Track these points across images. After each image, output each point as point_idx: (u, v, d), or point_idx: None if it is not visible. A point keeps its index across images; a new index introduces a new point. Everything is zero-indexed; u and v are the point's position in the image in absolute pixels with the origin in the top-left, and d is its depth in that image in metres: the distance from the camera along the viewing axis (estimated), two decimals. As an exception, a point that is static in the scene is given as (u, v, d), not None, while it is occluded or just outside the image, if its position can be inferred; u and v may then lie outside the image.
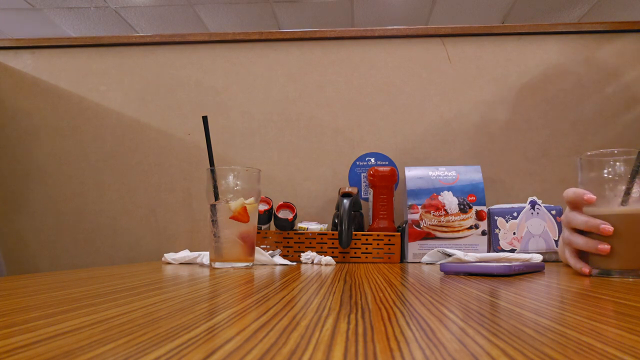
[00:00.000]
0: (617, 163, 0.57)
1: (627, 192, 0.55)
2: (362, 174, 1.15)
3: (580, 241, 0.58)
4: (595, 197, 0.57)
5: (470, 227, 0.95)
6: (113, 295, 0.38)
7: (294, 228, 0.98)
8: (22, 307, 0.32)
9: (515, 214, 0.97)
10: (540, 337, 0.22)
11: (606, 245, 0.55)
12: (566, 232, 0.61)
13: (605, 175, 0.57)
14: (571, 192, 0.59)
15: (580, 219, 0.58)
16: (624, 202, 0.55)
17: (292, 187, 1.18)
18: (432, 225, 0.96)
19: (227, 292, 0.42)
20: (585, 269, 0.58)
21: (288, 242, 0.96)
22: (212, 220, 0.74)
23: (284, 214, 0.96)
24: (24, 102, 1.25)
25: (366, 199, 1.13)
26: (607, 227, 0.55)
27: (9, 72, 1.26)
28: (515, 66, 1.18)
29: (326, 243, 0.95)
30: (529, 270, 0.63)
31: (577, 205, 0.59)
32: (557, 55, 1.17)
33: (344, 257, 0.95)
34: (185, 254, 0.85)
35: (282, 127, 1.21)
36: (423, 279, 0.54)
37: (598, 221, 0.56)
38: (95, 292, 0.40)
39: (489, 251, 0.97)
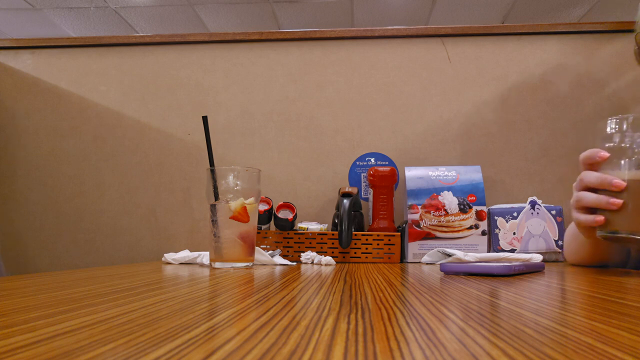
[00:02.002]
0: (635, 128, 0.57)
1: None
2: (362, 174, 1.15)
3: (592, 196, 0.58)
4: (608, 154, 0.57)
5: (470, 227, 0.95)
6: (113, 295, 0.38)
7: (294, 228, 0.98)
8: (22, 307, 0.32)
9: (515, 214, 0.97)
10: (540, 337, 0.22)
11: (617, 200, 0.55)
12: (576, 193, 0.61)
13: (621, 139, 0.57)
14: (586, 152, 0.60)
15: (593, 175, 0.58)
16: None
17: (292, 187, 1.18)
18: (432, 225, 0.96)
19: (227, 292, 0.42)
20: (599, 218, 0.57)
21: (288, 242, 0.96)
22: (212, 220, 0.74)
23: (284, 214, 0.96)
24: (24, 102, 1.25)
25: (366, 199, 1.13)
26: (619, 182, 0.55)
27: (9, 72, 1.26)
28: (515, 66, 1.18)
29: (326, 243, 0.95)
30: (529, 270, 0.63)
31: (591, 165, 0.60)
32: (557, 55, 1.17)
33: (344, 257, 0.95)
34: (185, 254, 0.85)
35: (282, 127, 1.21)
36: (423, 279, 0.54)
37: (610, 177, 0.56)
38: (95, 292, 0.40)
39: (489, 251, 0.97)
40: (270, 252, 0.87)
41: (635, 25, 0.84)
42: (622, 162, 0.57)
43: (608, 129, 0.59)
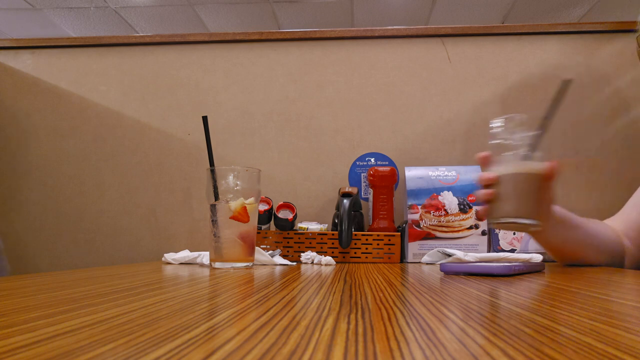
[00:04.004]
0: (506, 128, 0.67)
1: (533, 145, 0.66)
2: (362, 174, 1.15)
3: (479, 192, 0.67)
4: (482, 154, 0.66)
5: (470, 227, 0.95)
6: (113, 295, 0.38)
7: (294, 228, 0.98)
8: (22, 307, 0.32)
9: (515, 214, 0.97)
10: (540, 337, 0.22)
11: (487, 190, 0.65)
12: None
13: (502, 136, 0.66)
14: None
15: (476, 175, 0.68)
16: (530, 152, 0.65)
17: (292, 187, 1.18)
18: (432, 225, 0.96)
19: (227, 292, 0.42)
20: (482, 208, 0.67)
21: (288, 242, 0.96)
22: (212, 220, 0.74)
23: (284, 214, 0.96)
24: (24, 102, 1.25)
25: (366, 199, 1.13)
26: (484, 176, 0.65)
27: (9, 72, 1.26)
28: (515, 66, 1.18)
29: (326, 243, 0.95)
30: (529, 270, 0.63)
31: (482, 165, 0.69)
32: (557, 55, 1.17)
33: (344, 257, 0.95)
34: (185, 254, 0.85)
35: (282, 127, 1.21)
36: (423, 279, 0.54)
37: (482, 173, 0.66)
38: (95, 292, 0.40)
39: (489, 251, 0.97)
40: (270, 252, 0.87)
41: (638, 25, 0.85)
42: (504, 157, 0.65)
43: (491, 128, 0.66)
